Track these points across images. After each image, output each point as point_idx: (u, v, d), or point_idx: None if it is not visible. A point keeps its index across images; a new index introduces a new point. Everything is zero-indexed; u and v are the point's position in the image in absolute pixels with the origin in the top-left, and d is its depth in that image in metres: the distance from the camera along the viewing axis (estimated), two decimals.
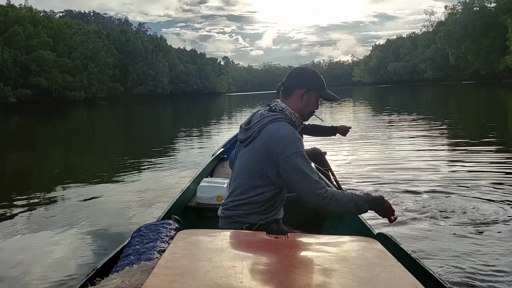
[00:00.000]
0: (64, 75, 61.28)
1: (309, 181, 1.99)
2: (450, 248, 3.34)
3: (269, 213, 2.16)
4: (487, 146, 8.24)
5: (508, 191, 4.89)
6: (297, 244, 1.54)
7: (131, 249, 1.87)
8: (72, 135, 17.72)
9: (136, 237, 1.99)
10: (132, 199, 5.10)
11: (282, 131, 2.07)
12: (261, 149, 2.08)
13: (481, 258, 3.13)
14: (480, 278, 2.80)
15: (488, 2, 76.97)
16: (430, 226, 3.85)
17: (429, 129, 11.95)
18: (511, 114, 17.59)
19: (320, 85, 2.27)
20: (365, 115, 19.40)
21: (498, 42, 65.26)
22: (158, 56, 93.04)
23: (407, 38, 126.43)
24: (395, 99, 35.04)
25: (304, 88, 2.21)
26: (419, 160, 7.21)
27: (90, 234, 3.95)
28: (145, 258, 1.75)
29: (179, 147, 10.63)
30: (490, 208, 4.29)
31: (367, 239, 1.62)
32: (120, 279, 1.54)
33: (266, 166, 2.07)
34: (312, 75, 2.28)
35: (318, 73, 2.30)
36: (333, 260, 1.36)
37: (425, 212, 4.26)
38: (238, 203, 2.14)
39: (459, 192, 4.95)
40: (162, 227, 2.05)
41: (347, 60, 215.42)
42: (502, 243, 3.42)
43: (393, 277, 1.26)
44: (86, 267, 2.98)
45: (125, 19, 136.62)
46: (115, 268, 1.75)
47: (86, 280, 1.66)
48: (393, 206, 2.18)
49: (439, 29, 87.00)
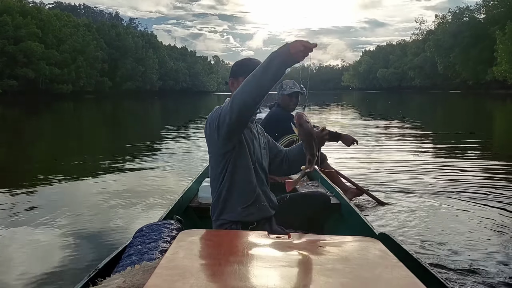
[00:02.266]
0: (52, 68, 60.74)
1: (223, 108, 2.14)
2: (444, 246, 3.41)
3: (245, 204, 2.21)
4: (471, 153, 8.49)
5: (492, 194, 5.09)
6: (299, 244, 1.52)
7: (133, 249, 1.86)
8: (60, 129, 17.50)
9: (138, 237, 1.98)
10: (132, 199, 4.99)
11: (212, 113, 2.22)
12: (208, 139, 2.26)
13: (477, 257, 3.21)
14: (478, 278, 2.86)
15: (478, 13, 78.37)
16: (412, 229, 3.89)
17: (415, 136, 12.17)
18: (497, 124, 17.96)
19: (245, 70, 2.25)
20: (353, 120, 19.46)
21: (486, 53, 66.32)
22: (148, 52, 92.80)
23: (397, 45, 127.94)
24: (388, 108, 35.19)
25: (231, 77, 2.37)
26: (407, 164, 7.33)
27: (91, 233, 3.85)
28: (147, 258, 1.74)
29: (176, 146, 10.50)
30: (482, 208, 4.47)
31: (369, 239, 1.61)
32: (122, 279, 1.54)
33: (214, 145, 2.22)
34: (237, 64, 2.41)
35: (244, 60, 2.42)
36: (335, 260, 1.36)
37: (413, 214, 4.34)
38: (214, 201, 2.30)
39: (444, 195, 5.09)
40: (164, 227, 2.04)
41: (337, 65, 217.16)
42: (493, 239, 3.60)
43: (395, 277, 1.25)
44: (87, 267, 2.91)
45: (116, 14, 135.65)
46: (117, 268, 1.74)
47: (88, 280, 1.64)
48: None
49: (429, 37, 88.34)
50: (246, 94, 1.98)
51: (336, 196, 3.37)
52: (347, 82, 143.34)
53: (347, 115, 23.59)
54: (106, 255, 1.93)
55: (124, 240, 2.10)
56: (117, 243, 3.41)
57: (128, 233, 3.58)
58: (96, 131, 16.81)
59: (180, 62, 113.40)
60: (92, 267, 1.78)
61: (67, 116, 26.34)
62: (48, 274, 3.01)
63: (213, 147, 2.23)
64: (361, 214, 2.78)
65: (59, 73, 61.78)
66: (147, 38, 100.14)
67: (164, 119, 23.95)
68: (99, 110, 34.50)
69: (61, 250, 3.47)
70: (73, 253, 3.40)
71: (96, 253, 3.38)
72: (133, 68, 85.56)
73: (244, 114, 2.04)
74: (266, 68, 1.91)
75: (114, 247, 2.21)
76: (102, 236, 3.78)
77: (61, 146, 11.49)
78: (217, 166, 2.23)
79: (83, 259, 3.28)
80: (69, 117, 25.83)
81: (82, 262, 3.21)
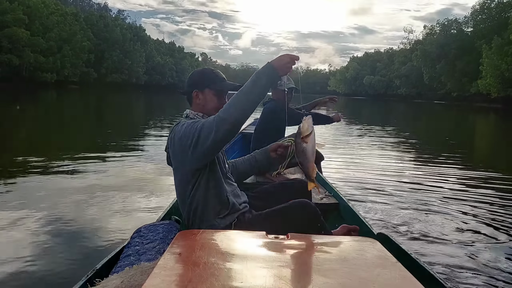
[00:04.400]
0: (37, 55, 59.81)
1: (202, 125, 2.03)
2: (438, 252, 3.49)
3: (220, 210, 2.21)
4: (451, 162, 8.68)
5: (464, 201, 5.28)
6: (297, 245, 1.54)
7: (130, 250, 1.87)
8: (40, 119, 17.13)
9: (136, 237, 1.99)
10: (130, 200, 4.89)
11: (181, 128, 2.13)
12: (174, 155, 2.19)
13: (476, 257, 3.34)
14: (477, 277, 2.96)
15: (466, 27, 79.55)
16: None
17: (398, 143, 12.48)
18: (478, 136, 18.46)
19: (208, 81, 2.29)
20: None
21: (471, 66, 67.36)
22: (136, 45, 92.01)
23: (385, 53, 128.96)
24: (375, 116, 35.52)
25: (194, 89, 2.29)
26: (386, 169, 7.52)
27: (89, 234, 3.76)
28: (145, 259, 1.76)
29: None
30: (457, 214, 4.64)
31: (367, 239, 1.63)
32: (119, 280, 1.55)
33: (186, 162, 2.12)
34: (197, 75, 2.36)
35: (207, 70, 2.37)
36: (333, 261, 1.37)
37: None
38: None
39: (443, 197, 5.40)
40: (162, 228, 2.05)
41: (324, 69, 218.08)
42: (492, 239, 3.80)
43: (394, 277, 1.26)
44: (85, 268, 2.81)
45: (105, 4, 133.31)
46: (115, 268, 1.75)
47: (86, 281, 1.63)
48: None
49: (416, 47, 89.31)
50: (239, 111, 1.96)
51: (334, 196, 3.36)
52: (333, 87, 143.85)
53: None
54: (104, 256, 1.92)
55: (122, 241, 2.10)
56: (115, 243, 3.38)
57: (126, 234, 3.55)
58: (83, 124, 16.52)
59: (168, 57, 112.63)
60: (90, 268, 1.76)
61: (49, 106, 25.88)
62: (46, 274, 2.94)
63: (182, 163, 2.16)
64: (359, 214, 2.80)
65: (43, 61, 60.84)
66: (135, 31, 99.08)
67: (156, 114, 23.69)
68: (83, 100, 34.04)
69: (59, 250, 3.40)
70: (71, 254, 3.34)
71: (94, 253, 3.31)
72: (120, 61, 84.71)
73: (234, 131, 2.01)
74: (255, 84, 1.99)
75: (112, 248, 2.24)
76: (100, 237, 3.70)
77: (46, 137, 11.24)
78: (187, 183, 2.17)
79: (81, 259, 3.22)
80: (51, 106, 25.37)
81: (80, 263, 3.15)
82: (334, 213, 3.20)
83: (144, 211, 4.45)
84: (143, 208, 4.58)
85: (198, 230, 1.70)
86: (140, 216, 4.27)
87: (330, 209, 3.19)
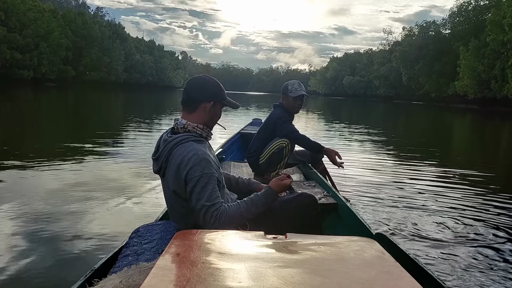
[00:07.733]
0: (13, 52, 58.61)
1: (201, 203, 2.03)
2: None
3: None
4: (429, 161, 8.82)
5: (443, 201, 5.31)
6: (295, 245, 1.53)
7: (129, 250, 1.86)
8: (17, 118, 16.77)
9: (134, 237, 1.98)
10: (129, 200, 4.81)
11: (187, 156, 2.04)
12: (174, 181, 2.10)
13: (475, 257, 3.35)
14: (476, 277, 2.98)
15: (444, 29, 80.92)
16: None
17: (386, 143, 12.65)
18: (455, 135, 18.83)
19: (224, 94, 2.24)
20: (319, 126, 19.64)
21: (449, 68, 68.58)
22: (115, 43, 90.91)
23: (364, 54, 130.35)
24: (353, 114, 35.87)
25: (211, 100, 2.18)
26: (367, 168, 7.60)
27: (88, 234, 3.69)
28: (143, 259, 1.75)
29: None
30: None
31: (366, 239, 1.63)
32: (118, 280, 1.54)
33: (184, 193, 2.10)
34: (217, 86, 2.24)
35: (218, 82, 2.28)
36: (331, 261, 1.37)
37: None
38: None
39: (441, 197, 5.42)
40: (160, 228, 2.04)
41: (304, 69, 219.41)
42: (491, 239, 3.82)
43: (392, 277, 1.27)
44: (83, 268, 2.75)
45: (83, 1, 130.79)
46: (113, 268, 1.74)
47: (84, 281, 1.62)
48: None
49: (395, 48, 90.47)
50: (239, 221, 2.14)
51: (333, 196, 3.35)
52: (313, 87, 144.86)
53: (314, 120, 23.81)
54: (102, 256, 1.93)
55: (121, 241, 2.08)
56: (114, 243, 3.34)
57: (124, 234, 3.44)
58: (76, 122, 16.22)
59: (147, 55, 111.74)
60: (88, 268, 1.75)
61: (23, 104, 25.35)
62: (45, 275, 2.90)
63: (174, 187, 2.13)
64: (358, 214, 2.79)
65: (20, 58, 59.68)
66: (115, 28, 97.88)
67: (150, 112, 23.40)
68: (60, 98, 33.50)
69: (58, 250, 3.33)
70: (69, 254, 3.28)
71: (92, 253, 3.27)
72: (98, 58, 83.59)
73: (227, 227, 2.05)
74: (257, 206, 2.21)
75: (110, 248, 2.25)
76: (98, 237, 3.64)
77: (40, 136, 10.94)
78: (187, 212, 2.15)
79: (79, 259, 3.17)
80: (29, 105, 24.86)
81: (78, 263, 3.10)
82: (333, 213, 3.19)
83: (142, 211, 4.42)
84: (141, 208, 4.54)
85: (197, 230, 1.69)
86: (138, 216, 4.23)
87: (328, 209, 3.17)
